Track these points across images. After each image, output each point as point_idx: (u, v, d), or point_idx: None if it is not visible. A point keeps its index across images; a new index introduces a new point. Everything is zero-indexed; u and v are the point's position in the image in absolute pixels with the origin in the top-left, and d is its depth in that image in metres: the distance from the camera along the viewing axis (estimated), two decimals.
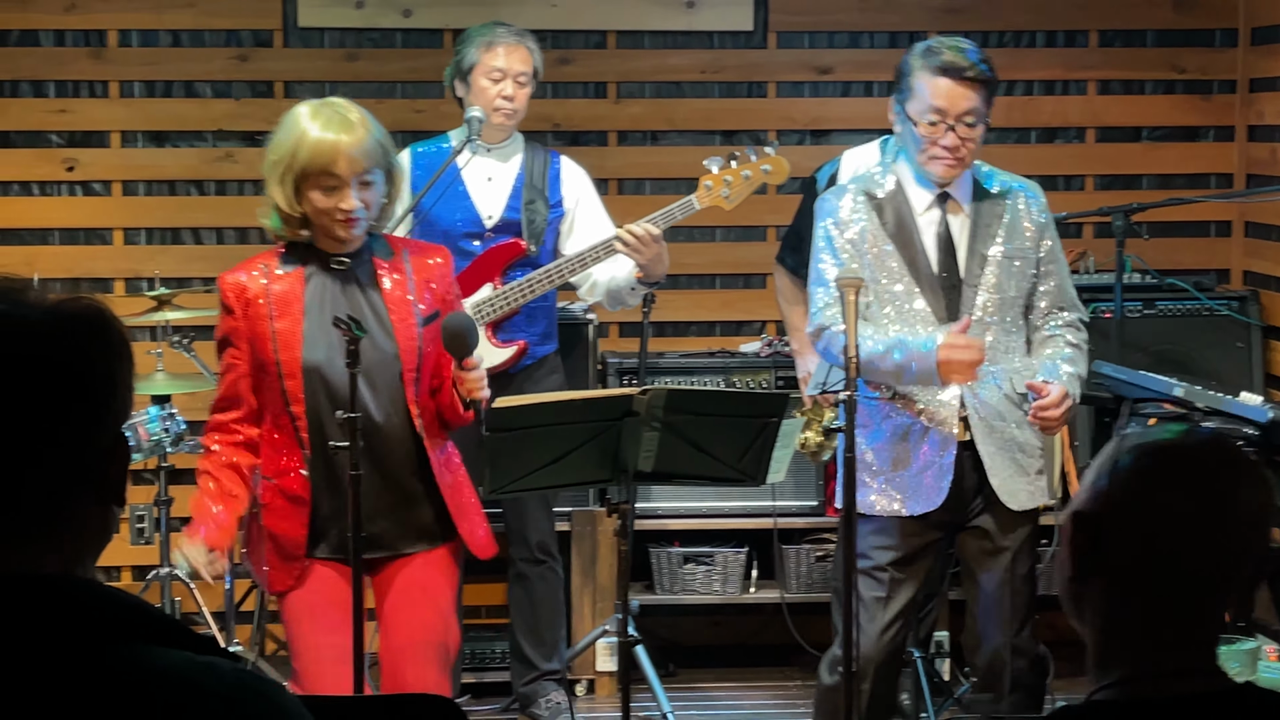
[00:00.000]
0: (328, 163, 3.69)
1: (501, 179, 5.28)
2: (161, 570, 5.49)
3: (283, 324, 3.79)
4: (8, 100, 6.11)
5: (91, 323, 1.71)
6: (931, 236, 4.24)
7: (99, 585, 1.68)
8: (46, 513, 1.66)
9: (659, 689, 5.43)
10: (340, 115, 3.75)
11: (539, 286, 5.11)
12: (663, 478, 3.97)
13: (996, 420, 4.21)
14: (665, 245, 4.94)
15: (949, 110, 4.10)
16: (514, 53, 5.13)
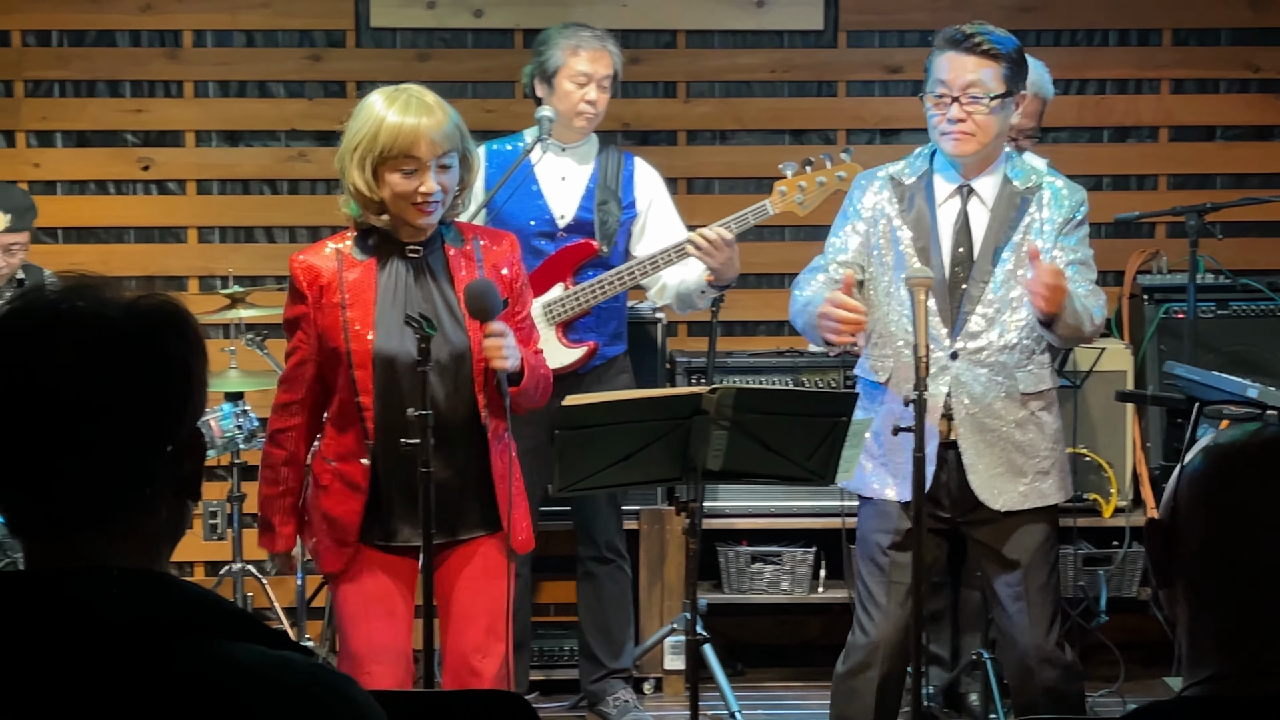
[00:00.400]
0: (408, 145, 3.71)
1: (575, 179, 5.28)
2: (234, 566, 5.53)
3: (354, 313, 3.79)
4: (84, 100, 6.18)
5: (169, 319, 1.73)
6: (949, 227, 4.21)
7: (176, 579, 1.70)
8: (125, 506, 1.68)
9: (726, 688, 5.42)
10: (418, 99, 3.77)
11: (610, 288, 5.11)
12: (731, 476, 3.96)
13: (990, 419, 4.16)
14: (737, 249, 4.92)
15: (952, 82, 4.08)
16: (599, 57, 5.14)
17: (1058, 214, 4.20)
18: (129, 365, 1.68)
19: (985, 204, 4.21)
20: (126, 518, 1.69)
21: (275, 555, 4.02)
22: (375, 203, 3.77)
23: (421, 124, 3.72)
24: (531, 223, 5.19)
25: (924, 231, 4.18)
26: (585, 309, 5.14)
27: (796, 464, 3.86)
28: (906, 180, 4.24)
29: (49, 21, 6.14)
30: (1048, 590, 4.24)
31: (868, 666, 4.25)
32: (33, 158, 6.16)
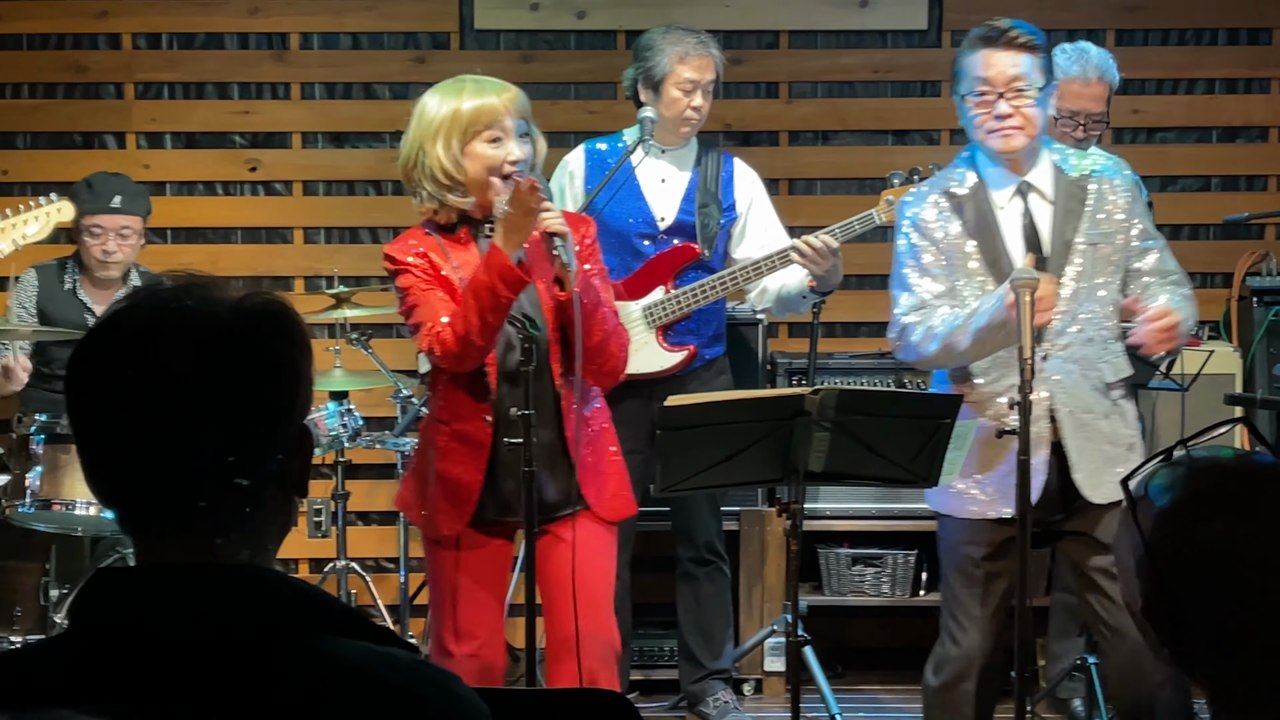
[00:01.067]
0: (493, 115, 3.78)
1: (675, 181, 5.27)
2: (338, 563, 5.58)
3: (466, 273, 3.81)
4: (193, 102, 6.25)
5: (276, 317, 1.74)
6: (1016, 229, 4.11)
7: (283, 576, 1.71)
8: (234, 503, 1.70)
9: (827, 690, 5.39)
10: (486, 80, 3.87)
11: (711, 293, 5.10)
12: (833, 478, 3.93)
13: (1084, 413, 4.08)
14: (840, 257, 4.89)
15: (994, 78, 4.01)
16: (705, 64, 5.12)
17: (1123, 194, 4.13)
18: (237, 364, 1.69)
19: (1046, 198, 4.13)
20: (235, 515, 1.71)
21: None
22: (459, 185, 3.79)
23: (501, 97, 3.81)
24: (632, 223, 5.19)
25: (991, 240, 4.10)
26: (685, 313, 5.13)
27: (899, 466, 3.83)
28: (959, 192, 4.14)
29: (159, 25, 6.23)
30: None
31: (963, 679, 4.18)
32: (143, 159, 6.24)
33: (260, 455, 1.70)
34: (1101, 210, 4.11)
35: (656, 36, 5.17)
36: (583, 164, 5.22)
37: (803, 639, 4.04)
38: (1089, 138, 5.10)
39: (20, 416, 5.38)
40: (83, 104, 6.24)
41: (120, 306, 1.73)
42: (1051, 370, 4.06)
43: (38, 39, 6.23)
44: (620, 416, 5.05)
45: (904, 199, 4.27)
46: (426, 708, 1.64)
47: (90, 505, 5.00)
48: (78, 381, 1.70)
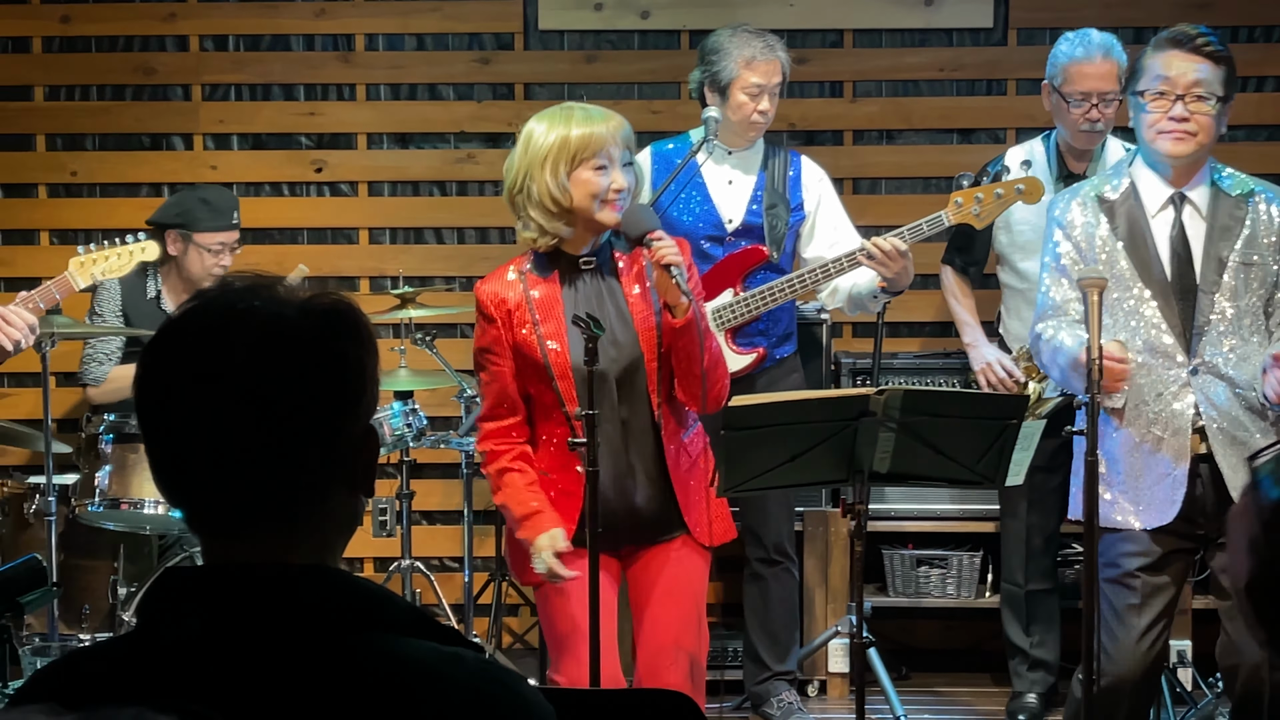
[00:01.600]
0: (600, 144, 3.82)
1: (743, 183, 5.26)
2: (403, 562, 5.60)
3: (548, 327, 3.87)
4: (260, 103, 6.29)
5: (343, 317, 1.75)
6: (1165, 240, 4.09)
7: (350, 576, 1.71)
8: (301, 503, 1.70)
9: (891, 692, 5.37)
10: (592, 109, 3.91)
11: (781, 295, 5.07)
12: (898, 479, 3.91)
13: (1239, 431, 4.04)
14: (911, 258, 4.87)
15: (1176, 80, 3.98)
16: (772, 68, 5.10)
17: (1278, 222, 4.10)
18: (304, 363, 1.69)
19: (1200, 213, 4.10)
20: (301, 514, 1.71)
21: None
22: (565, 211, 3.82)
23: (608, 126, 3.85)
24: (700, 226, 5.18)
25: (1140, 246, 4.07)
26: (755, 315, 5.11)
27: (966, 467, 3.81)
28: (1111, 196, 4.12)
29: (226, 27, 6.27)
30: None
31: (1117, 692, 4.10)
32: (210, 160, 6.28)
33: (327, 455, 1.71)
34: (1256, 230, 4.08)
35: (723, 39, 5.14)
36: (649, 166, 5.22)
37: (867, 640, 4.02)
38: (1104, 118, 5.12)
39: (89, 416, 5.44)
40: (150, 105, 6.29)
41: (188, 307, 1.74)
42: (1201, 384, 4.03)
43: (106, 41, 6.29)
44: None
45: (1054, 201, 4.27)
46: (493, 707, 1.64)
47: (158, 504, 5.04)
48: (146, 382, 1.72)
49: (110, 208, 6.31)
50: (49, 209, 6.33)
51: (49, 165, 6.30)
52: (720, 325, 5.07)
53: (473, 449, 5.55)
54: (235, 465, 1.67)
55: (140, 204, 6.26)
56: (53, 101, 6.28)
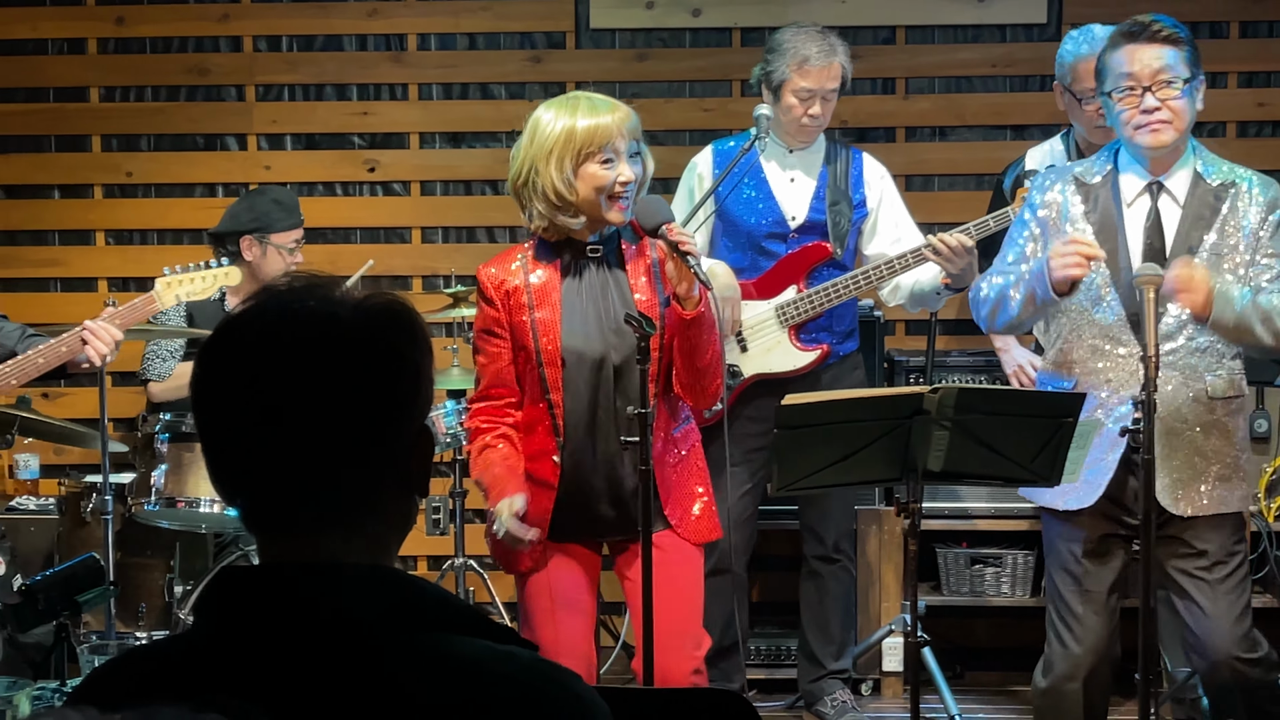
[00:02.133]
0: (606, 137, 3.78)
1: (805, 180, 5.24)
2: (456, 560, 5.61)
3: (542, 313, 3.86)
4: (313, 103, 6.32)
5: (397, 317, 1.75)
6: (1138, 227, 4.07)
7: (405, 575, 1.72)
8: (357, 502, 1.71)
9: (946, 691, 5.35)
10: (599, 99, 3.88)
11: (845, 291, 5.06)
12: (952, 477, 3.89)
13: (1177, 421, 4.03)
14: (975, 254, 4.84)
15: (1139, 73, 3.97)
16: (825, 72, 5.05)
17: (1258, 210, 4.05)
18: (359, 363, 1.70)
19: (1177, 201, 4.08)
20: (357, 514, 1.72)
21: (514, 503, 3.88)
22: (570, 205, 3.81)
23: (614, 117, 3.81)
24: (763, 224, 5.17)
25: (1110, 232, 4.06)
26: (818, 312, 5.10)
27: (1020, 465, 3.79)
28: (1091, 180, 4.12)
29: (279, 27, 6.30)
30: (1235, 579, 4.09)
31: (1070, 679, 4.16)
32: (263, 160, 6.31)
33: (381, 455, 1.71)
34: (1232, 221, 4.05)
35: (785, 37, 5.10)
36: (711, 165, 5.21)
37: (922, 639, 4.00)
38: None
39: (145, 415, 5.48)
40: (205, 106, 6.33)
41: (244, 308, 1.75)
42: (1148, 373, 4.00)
43: (160, 42, 6.33)
44: (753, 414, 5.04)
45: (1036, 176, 4.29)
46: (547, 705, 1.64)
47: (214, 503, 5.07)
48: (203, 381, 1.72)
49: (165, 208, 6.35)
50: (104, 209, 6.37)
51: (104, 166, 6.35)
52: (784, 322, 5.06)
53: None
54: (290, 465, 1.67)
55: (195, 204, 6.30)
56: (108, 103, 6.33)
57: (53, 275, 6.35)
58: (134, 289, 6.29)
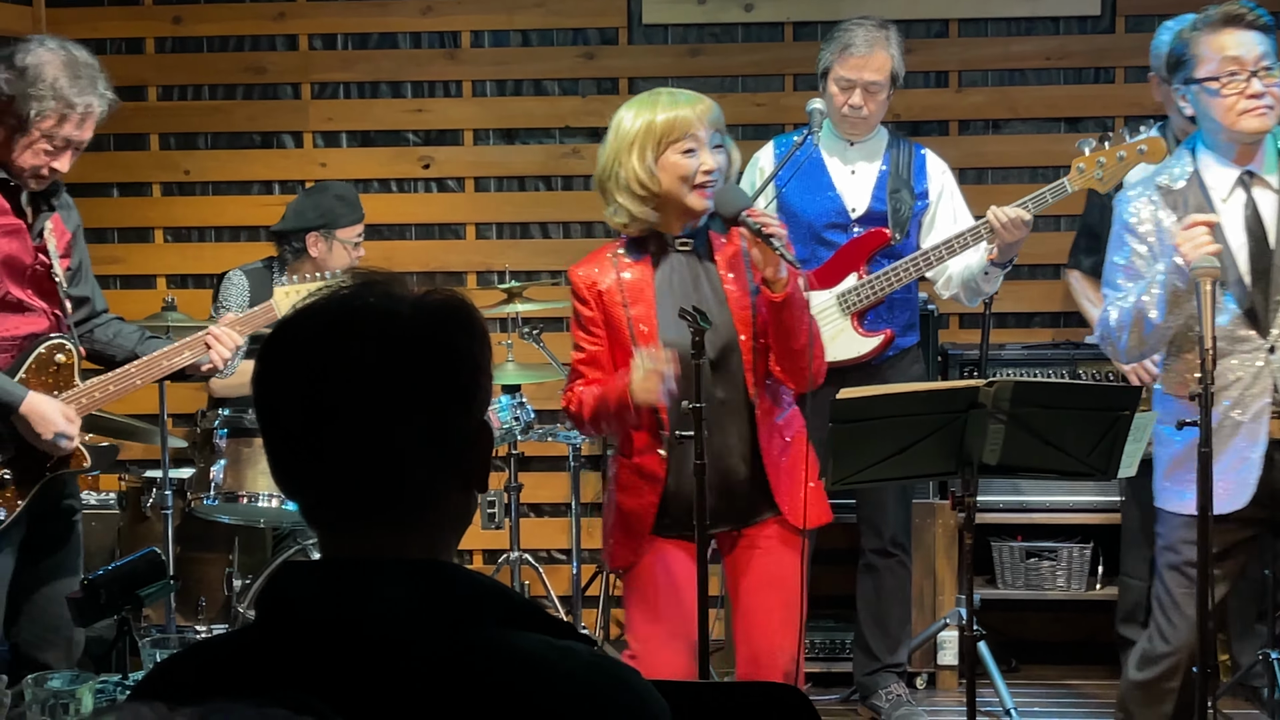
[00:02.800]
0: (687, 125, 3.79)
1: (866, 172, 5.23)
2: (512, 554, 5.62)
3: (637, 310, 3.87)
4: (368, 101, 6.34)
5: (457, 313, 1.75)
6: (1239, 222, 4.00)
7: (464, 570, 1.71)
8: (417, 498, 1.71)
9: (1001, 684, 5.32)
10: (681, 92, 3.89)
11: (904, 275, 5.04)
12: (1008, 471, 3.86)
13: None
14: (1029, 229, 4.83)
15: (1244, 58, 3.92)
16: (866, 63, 5.05)
17: None
18: (419, 359, 1.70)
19: (1271, 187, 4.02)
20: (417, 509, 1.71)
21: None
22: (654, 195, 3.81)
23: (696, 107, 3.82)
24: (824, 215, 5.16)
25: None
26: (880, 298, 5.08)
27: (1077, 459, 3.76)
28: (1176, 186, 4.05)
29: (334, 26, 6.32)
30: None
31: (1170, 676, 4.09)
32: (319, 158, 6.34)
33: (441, 450, 1.71)
34: None
35: (840, 27, 5.13)
36: (772, 159, 5.22)
37: (977, 633, 3.98)
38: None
39: (204, 411, 5.51)
40: (261, 104, 6.36)
41: (304, 305, 1.75)
42: (1277, 366, 3.95)
43: (217, 41, 6.36)
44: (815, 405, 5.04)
45: (1119, 198, 4.19)
46: (606, 701, 1.64)
47: (272, 498, 5.09)
48: (264, 378, 1.73)
49: (222, 205, 6.38)
50: (163, 207, 6.41)
51: (162, 164, 6.39)
52: (845, 310, 5.04)
53: (580, 442, 5.57)
54: (351, 460, 1.67)
55: (251, 201, 6.34)
56: (165, 101, 6.37)
57: (113, 273, 6.39)
58: (192, 286, 6.34)
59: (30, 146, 4.03)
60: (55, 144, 4.04)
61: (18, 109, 3.99)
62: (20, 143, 4.02)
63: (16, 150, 4.03)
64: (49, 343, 4.16)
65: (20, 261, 4.12)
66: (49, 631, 4.29)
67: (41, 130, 4.01)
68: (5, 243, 4.09)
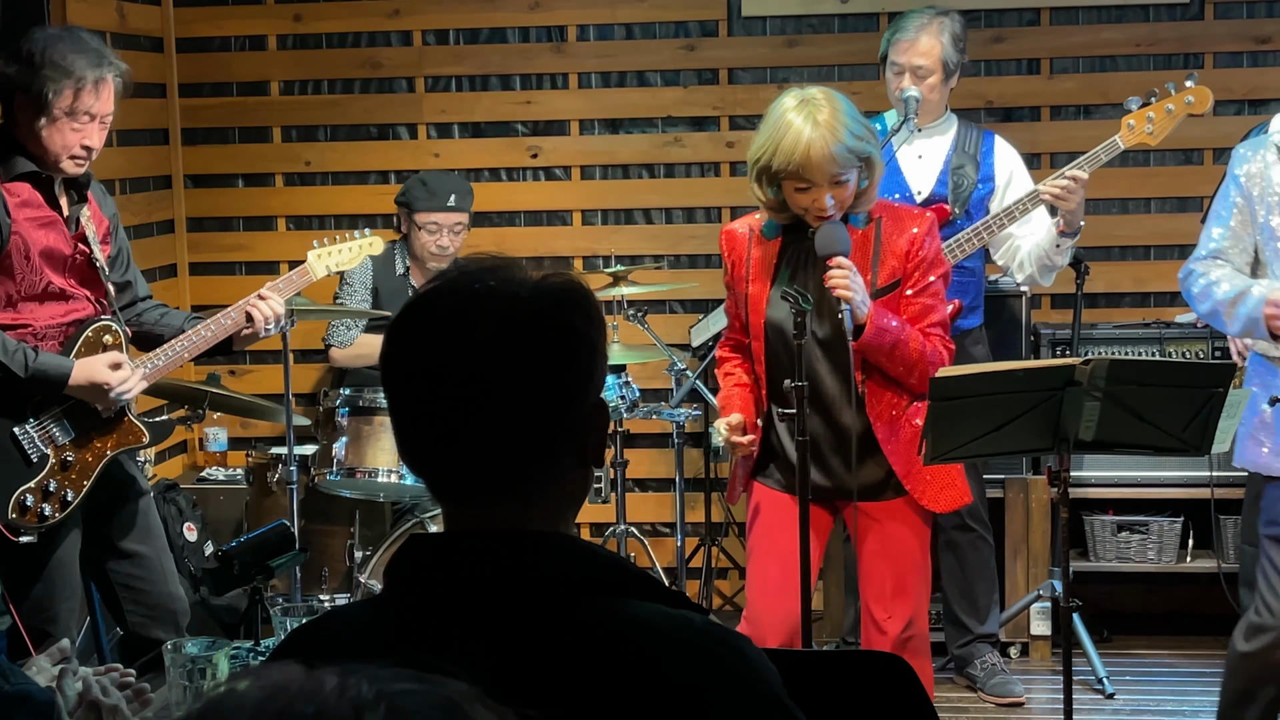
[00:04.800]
0: (799, 169, 3.70)
1: (932, 157, 5.19)
2: (618, 528, 5.63)
3: (755, 288, 3.90)
4: (479, 93, 6.35)
5: (573, 296, 1.75)
6: None
7: (584, 543, 1.72)
8: (539, 473, 1.71)
9: (1094, 654, 5.27)
10: (813, 118, 3.70)
11: (968, 245, 5.00)
12: (1103, 447, 3.80)
13: None
14: (1085, 189, 4.81)
15: None
16: (911, 47, 5.02)
17: None
18: (540, 340, 1.69)
19: None
20: (538, 484, 1.72)
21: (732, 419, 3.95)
22: (783, 211, 3.84)
23: (813, 150, 3.67)
24: (895, 197, 5.12)
25: None
26: None
27: (1171, 435, 3.70)
28: None
29: (446, 21, 6.34)
30: None
31: (1275, 648, 4.00)
32: (433, 148, 6.36)
33: (561, 427, 1.71)
34: None
35: (900, 16, 5.12)
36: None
37: (1073, 604, 3.94)
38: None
39: (326, 391, 5.56)
40: (377, 98, 6.39)
41: (430, 288, 1.75)
42: None
43: (335, 38, 6.40)
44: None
45: (1238, 148, 4.12)
46: (719, 666, 1.63)
47: (391, 473, 5.13)
48: (393, 358, 1.73)
49: (341, 194, 6.43)
50: (285, 197, 6.47)
51: (285, 156, 6.44)
52: None
53: (683, 420, 5.56)
54: (476, 438, 1.67)
55: (369, 190, 6.38)
56: (287, 96, 6.41)
57: (238, 259, 6.46)
58: None
59: (56, 127, 4.01)
60: (79, 120, 4.02)
61: (34, 93, 3.98)
62: (46, 127, 4.00)
63: (46, 136, 4.01)
64: (96, 325, 4.19)
65: (59, 252, 4.13)
66: (154, 609, 4.33)
67: (61, 109, 3.98)
68: (42, 234, 4.09)
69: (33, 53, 3.98)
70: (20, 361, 3.97)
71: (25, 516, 4.05)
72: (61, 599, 4.15)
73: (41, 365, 4.00)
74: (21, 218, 4.04)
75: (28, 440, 4.07)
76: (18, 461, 4.06)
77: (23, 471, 4.06)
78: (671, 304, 6.22)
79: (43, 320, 4.11)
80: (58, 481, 4.09)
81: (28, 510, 4.05)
